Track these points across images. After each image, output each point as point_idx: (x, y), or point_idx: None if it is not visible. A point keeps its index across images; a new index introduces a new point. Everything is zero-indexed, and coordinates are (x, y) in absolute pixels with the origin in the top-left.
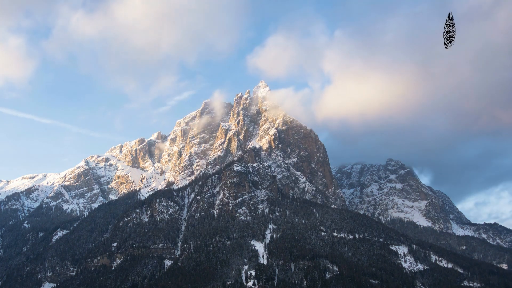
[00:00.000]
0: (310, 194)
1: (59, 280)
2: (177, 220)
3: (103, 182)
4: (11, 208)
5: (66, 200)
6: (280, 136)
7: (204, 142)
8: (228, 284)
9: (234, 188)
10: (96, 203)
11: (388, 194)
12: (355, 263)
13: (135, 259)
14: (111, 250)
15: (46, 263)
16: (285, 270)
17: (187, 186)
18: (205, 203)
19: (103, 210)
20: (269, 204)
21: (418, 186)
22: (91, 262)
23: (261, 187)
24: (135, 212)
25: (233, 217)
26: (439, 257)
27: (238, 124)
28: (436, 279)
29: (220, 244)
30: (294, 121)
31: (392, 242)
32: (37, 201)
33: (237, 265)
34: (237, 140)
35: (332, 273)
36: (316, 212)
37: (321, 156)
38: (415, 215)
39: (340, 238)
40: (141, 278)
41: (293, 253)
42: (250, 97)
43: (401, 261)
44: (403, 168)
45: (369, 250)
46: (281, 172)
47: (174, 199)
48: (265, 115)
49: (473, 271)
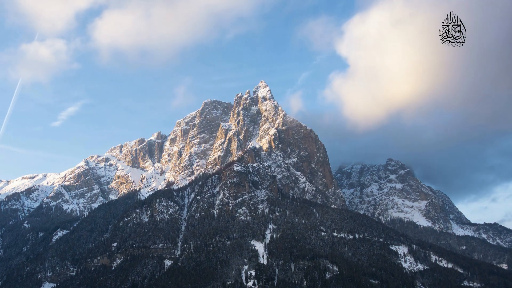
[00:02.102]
0: (310, 194)
1: (59, 280)
2: (177, 220)
3: (103, 182)
4: (11, 208)
5: (66, 200)
6: (280, 136)
7: (204, 142)
8: (228, 284)
9: (234, 188)
10: (96, 203)
11: (388, 194)
12: (355, 263)
13: (135, 259)
14: (111, 250)
15: (46, 263)
16: (285, 270)
17: (187, 186)
18: (205, 203)
19: (103, 210)
20: (269, 204)
21: (418, 186)
22: (91, 262)
23: (261, 187)
24: (135, 212)
25: (233, 217)
26: (439, 257)
27: (238, 124)
28: (436, 279)
29: (220, 244)
30: (294, 121)
31: (392, 242)
32: (37, 201)
33: (237, 265)
34: (237, 140)
35: (332, 273)
36: (316, 212)
37: (321, 156)
38: (415, 215)
39: (340, 238)
40: (141, 278)
41: (293, 253)
42: (250, 97)
43: (401, 261)
44: (403, 168)
45: (369, 250)
46: (281, 172)
47: (174, 199)
48: (265, 115)
49: (473, 271)
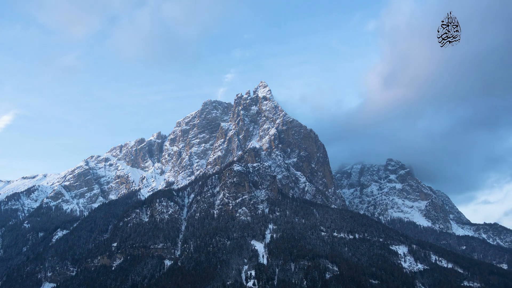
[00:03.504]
0: (310, 194)
1: (59, 280)
2: (177, 220)
3: (103, 182)
4: (11, 208)
5: (66, 200)
6: (280, 136)
7: (204, 142)
8: (228, 284)
9: (234, 188)
10: (96, 203)
11: (388, 194)
12: (355, 263)
13: (135, 259)
14: (111, 250)
15: (46, 263)
16: (285, 270)
17: (187, 186)
18: (205, 203)
19: (103, 210)
20: (269, 204)
21: (418, 186)
22: (91, 262)
23: (261, 187)
24: (135, 212)
25: (233, 217)
26: (439, 257)
27: (238, 124)
28: (436, 279)
29: (220, 244)
30: (294, 121)
31: (392, 242)
32: (37, 201)
33: (237, 265)
34: (237, 140)
35: (332, 273)
36: (316, 212)
37: (321, 156)
38: (415, 215)
39: (340, 238)
40: (141, 278)
41: (293, 253)
42: (250, 97)
43: (401, 261)
44: (403, 168)
45: (369, 250)
46: (281, 172)
47: (174, 199)
48: (265, 115)
49: (473, 271)
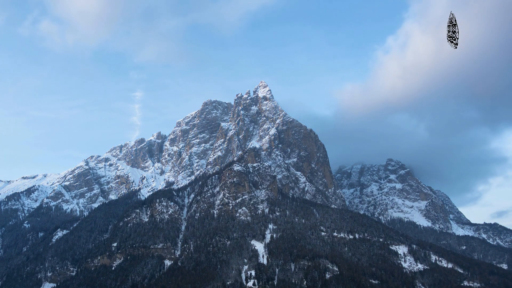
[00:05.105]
0: (310, 194)
1: (59, 280)
2: (177, 220)
3: (103, 182)
4: (11, 208)
5: (66, 200)
6: (280, 136)
7: (204, 142)
8: (228, 284)
9: (234, 188)
10: (96, 203)
11: (388, 194)
12: (355, 263)
13: (135, 259)
14: (111, 250)
15: (46, 263)
16: (285, 270)
17: (187, 186)
18: (205, 203)
19: (103, 210)
20: (269, 204)
21: (418, 186)
22: (91, 262)
23: (261, 187)
24: (135, 212)
25: (233, 217)
26: (439, 257)
27: (238, 124)
28: (436, 279)
29: (220, 244)
30: (294, 121)
31: (392, 242)
32: (37, 201)
33: (237, 265)
34: (237, 140)
35: (332, 273)
36: (316, 212)
37: (321, 156)
38: (415, 215)
39: (340, 238)
40: (141, 278)
41: (293, 253)
42: (250, 97)
43: (401, 261)
44: (403, 168)
45: (369, 250)
46: (281, 172)
47: (174, 199)
48: (265, 115)
49: (473, 271)
